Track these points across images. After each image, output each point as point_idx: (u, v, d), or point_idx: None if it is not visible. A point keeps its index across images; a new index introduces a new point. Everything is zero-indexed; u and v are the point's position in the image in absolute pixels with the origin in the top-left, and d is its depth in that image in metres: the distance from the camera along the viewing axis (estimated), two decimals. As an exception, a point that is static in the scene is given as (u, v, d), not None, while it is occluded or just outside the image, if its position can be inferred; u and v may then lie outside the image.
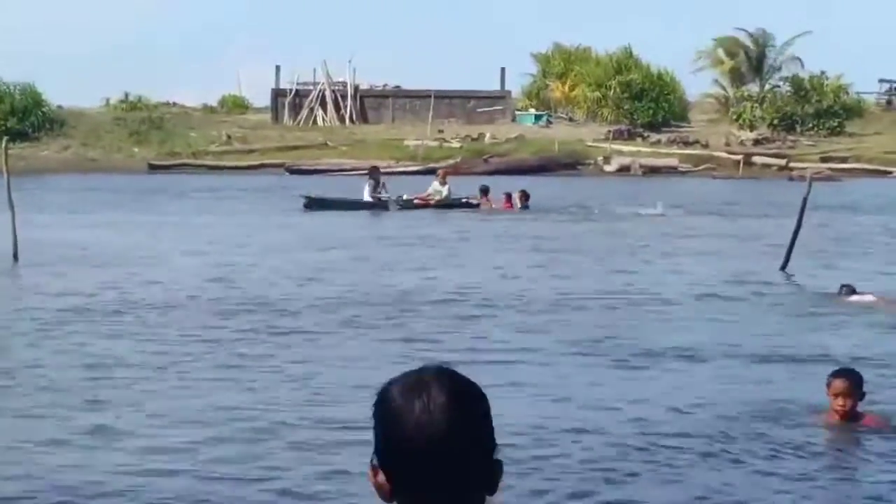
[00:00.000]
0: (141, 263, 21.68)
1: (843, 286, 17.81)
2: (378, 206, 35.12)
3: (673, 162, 61.76)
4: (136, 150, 65.23)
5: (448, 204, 35.81)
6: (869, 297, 17.31)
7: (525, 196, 36.65)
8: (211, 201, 39.29)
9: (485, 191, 36.76)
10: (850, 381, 10.15)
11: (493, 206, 35.98)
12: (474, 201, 36.29)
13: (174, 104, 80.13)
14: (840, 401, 10.06)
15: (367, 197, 35.64)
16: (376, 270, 21.16)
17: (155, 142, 66.07)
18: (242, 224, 30.88)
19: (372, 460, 2.76)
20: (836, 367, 10.77)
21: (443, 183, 36.79)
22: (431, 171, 57.91)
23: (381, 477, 2.78)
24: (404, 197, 35.83)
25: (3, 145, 24.92)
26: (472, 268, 21.53)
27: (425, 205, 35.69)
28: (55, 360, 13.14)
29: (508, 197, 36.54)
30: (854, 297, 17.37)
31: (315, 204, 34.92)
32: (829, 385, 10.19)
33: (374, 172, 37.07)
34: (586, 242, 26.66)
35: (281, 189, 43.07)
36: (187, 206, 36.95)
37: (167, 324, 15.48)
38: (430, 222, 31.51)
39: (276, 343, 14.27)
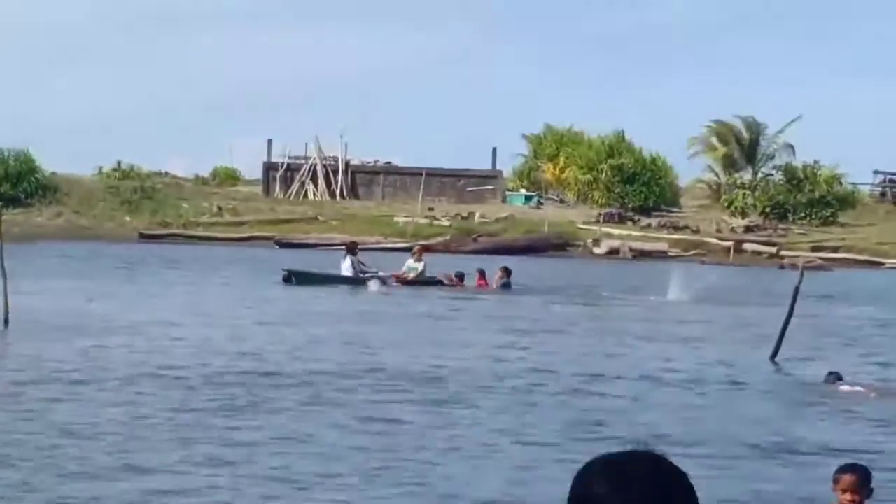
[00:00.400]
0: (122, 333, 21.70)
1: (829, 374, 18.17)
2: (356, 281, 35.13)
3: (663, 246, 61.93)
4: (127, 218, 65.33)
5: (423, 281, 35.86)
6: (855, 387, 17.46)
7: (506, 272, 36.54)
8: (198, 272, 39.31)
9: (460, 276, 36.64)
10: (859, 475, 10.09)
11: (466, 286, 35.92)
12: (446, 282, 36.22)
13: (166, 174, 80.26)
14: (849, 496, 10.00)
15: (344, 272, 35.67)
16: (352, 346, 21.19)
17: (147, 211, 66.19)
18: (224, 296, 30.95)
19: None
20: (844, 462, 10.71)
21: (418, 260, 36.93)
22: (425, 249, 58.16)
23: None
24: (380, 273, 35.88)
25: (-2, 211, 24.94)
26: (450, 346, 21.53)
27: (402, 282, 35.73)
28: (20, 426, 13.15)
29: (482, 274, 36.45)
30: (841, 386, 17.54)
31: (295, 277, 35.03)
32: (836, 480, 10.11)
33: (352, 247, 37.20)
34: (571, 323, 26.69)
35: (269, 262, 43.04)
36: (175, 277, 37.02)
37: (135, 395, 15.49)
38: (406, 299, 31.54)
39: (234, 415, 14.27)
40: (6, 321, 21.76)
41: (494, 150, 79.15)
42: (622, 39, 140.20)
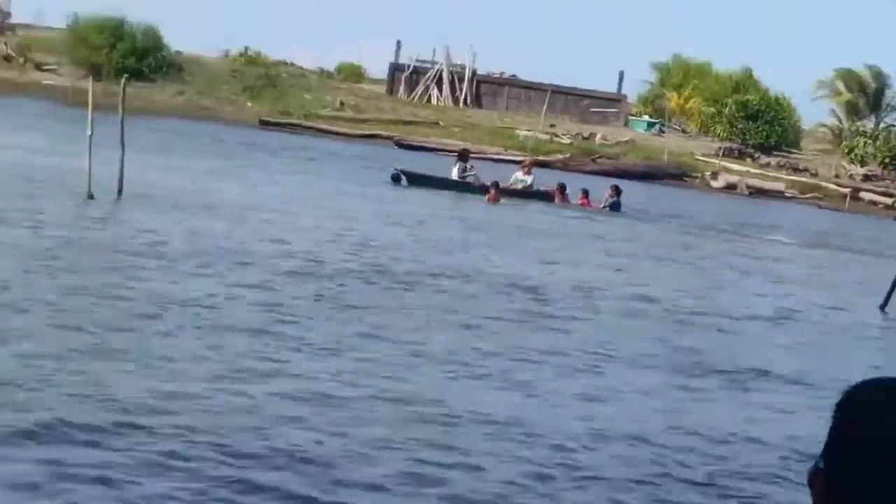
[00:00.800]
0: (228, 215, 21.78)
1: None
2: (463, 186, 34.98)
3: (780, 186, 61.08)
4: (249, 104, 65.65)
5: (531, 193, 35.59)
6: None
7: (616, 191, 35.98)
8: (313, 163, 39.50)
9: (562, 188, 36.33)
10: None
11: (570, 202, 35.64)
12: (553, 195, 35.88)
13: (292, 64, 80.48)
14: None
15: (454, 176, 35.54)
16: (444, 250, 21.11)
17: (269, 98, 66.45)
18: (332, 189, 31.03)
19: (817, 464, 2.45)
20: None
21: (527, 173, 36.56)
22: (539, 164, 57.89)
23: (823, 484, 2.38)
24: (487, 183, 35.69)
25: (123, 83, 25.04)
26: (554, 262, 21.38)
27: (509, 192, 35.40)
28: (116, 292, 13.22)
29: (585, 193, 36.04)
30: None
31: (405, 177, 34.82)
32: None
33: (463, 154, 36.99)
34: (680, 252, 26.39)
35: (386, 160, 42.97)
36: (289, 166, 37.19)
37: (231, 277, 15.53)
38: (511, 210, 31.36)
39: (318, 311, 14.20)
40: (120, 191, 21.99)
41: (622, 73, 78.43)
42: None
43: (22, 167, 25.43)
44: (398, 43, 77.71)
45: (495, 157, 56.99)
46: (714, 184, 60.59)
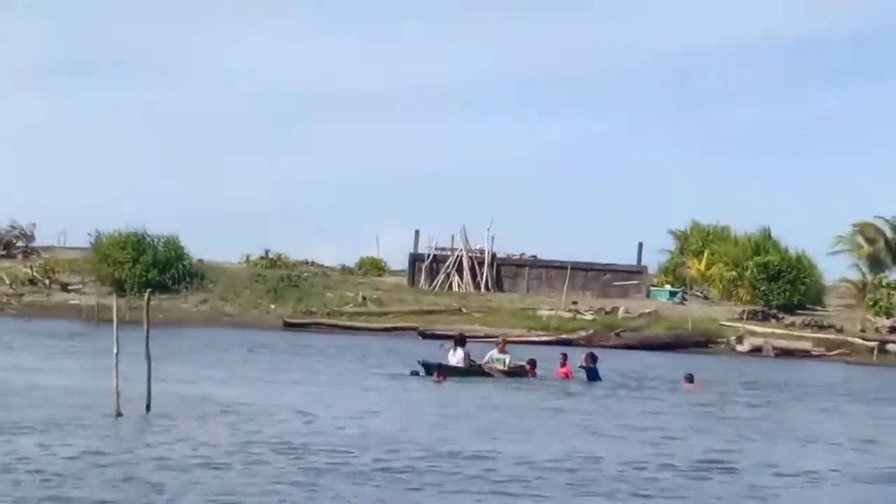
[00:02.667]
0: (259, 419, 21.94)
1: None
2: (474, 372, 34.80)
3: (806, 345, 61.06)
4: (272, 306, 66.23)
5: (508, 372, 35.18)
6: None
7: (592, 358, 35.77)
8: (336, 361, 39.73)
9: (532, 363, 36.02)
10: None
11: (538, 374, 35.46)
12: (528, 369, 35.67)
13: (313, 263, 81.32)
14: None
15: (456, 363, 34.88)
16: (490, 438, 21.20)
17: (292, 299, 67.04)
18: (356, 385, 31.20)
19: None
20: None
21: (501, 351, 35.97)
22: (563, 342, 58.11)
23: None
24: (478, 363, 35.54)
25: (146, 298, 25.51)
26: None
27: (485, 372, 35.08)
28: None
29: (564, 359, 35.89)
30: None
31: (425, 369, 34.55)
32: None
33: (460, 340, 36.23)
34: (729, 414, 26.39)
35: (409, 352, 43.22)
36: (313, 365, 37.45)
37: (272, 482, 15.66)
38: (491, 390, 31.37)
39: None
40: (148, 406, 22.12)
41: (640, 244, 78.93)
42: (770, 135, 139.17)
43: (52, 389, 25.78)
44: (416, 233, 78.53)
45: (519, 339, 57.21)
46: (739, 348, 60.62)
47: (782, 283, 71.66)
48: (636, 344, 60.16)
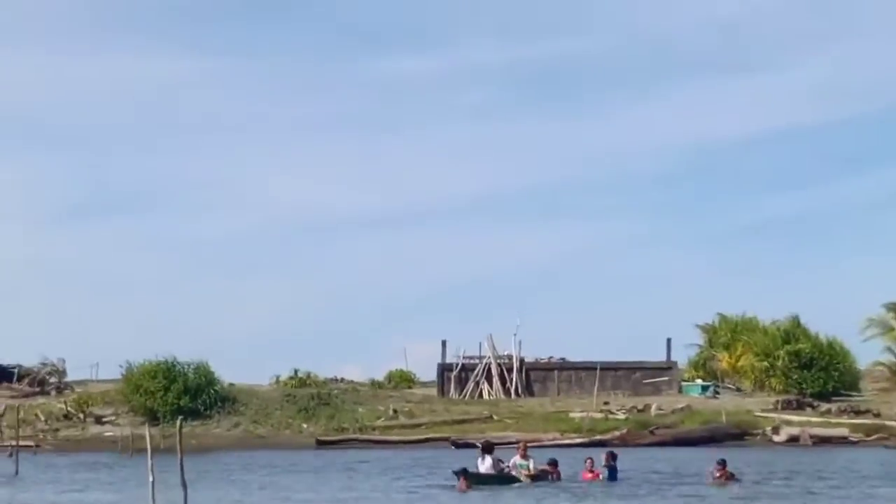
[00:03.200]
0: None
1: None
2: (508, 479, 34.62)
3: (844, 432, 60.62)
4: (304, 425, 66.14)
5: (534, 476, 34.86)
6: None
7: (612, 457, 35.61)
8: (371, 477, 39.58)
9: (553, 463, 35.92)
10: None
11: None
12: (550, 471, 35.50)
13: (342, 380, 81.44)
14: None
15: (486, 471, 34.53)
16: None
17: (323, 417, 66.95)
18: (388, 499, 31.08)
19: None
20: None
21: (523, 457, 35.55)
22: (598, 444, 57.82)
23: None
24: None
25: (178, 425, 25.66)
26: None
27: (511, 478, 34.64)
28: None
29: (592, 463, 35.52)
30: None
31: (464, 478, 34.32)
32: None
33: (487, 447, 35.72)
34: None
35: (444, 462, 43.08)
36: (347, 482, 37.31)
37: None
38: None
39: None
40: (186, 534, 22.16)
41: (669, 340, 78.88)
42: (789, 224, 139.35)
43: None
44: (443, 343, 78.68)
45: (552, 443, 57.02)
46: (776, 438, 60.20)
47: (815, 371, 71.32)
48: (671, 440, 59.85)
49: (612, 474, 35.35)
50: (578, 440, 59.10)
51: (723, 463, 34.78)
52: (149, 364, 67.79)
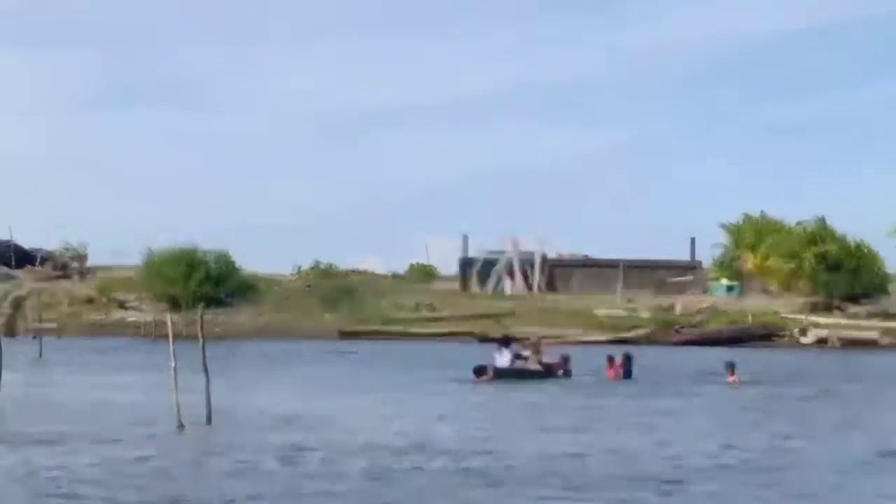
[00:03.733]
0: (308, 431, 21.37)
1: None
2: (523, 373, 34.31)
3: (874, 335, 60.05)
4: (326, 316, 65.82)
5: (545, 371, 34.73)
6: None
7: (626, 359, 35.65)
8: (395, 369, 39.23)
9: (565, 359, 35.60)
10: None
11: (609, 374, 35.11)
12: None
13: (364, 272, 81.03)
14: None
15: (504, 364, 34.23)
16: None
17: (345, 308, 66.63)
18: (415, 392, 30.65)
19: None
20: None
21: (536, 352, 35.48)
22: (621, 341, 57.38)
23: None
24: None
25: (200, 313, 25.40)
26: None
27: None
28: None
29: (611, 360, 35.46)
30: None
31: (483, 372, 33.93)
32: None
33: (505, 340, 35.83)
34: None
35: (467, 358, 42.63)
36: (371, 374, 36.98)
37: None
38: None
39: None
40: (209, 418, 21.84)
41: (693, 240, 78.24)
42: (817, 125, 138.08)
43: (115, 405, 25.81)
44: (465, 238, 78.10)
45: (575, 339, 56.60)
46: (803, 340, 59.69)
47: (843, 273, 70.54)
48: (697, 340, 59.39)
49: (628, 374, 35.29)
50: (603, 338, 58.63)
51: (731, 366, 34.41)
52: (170, 251, 67.49)
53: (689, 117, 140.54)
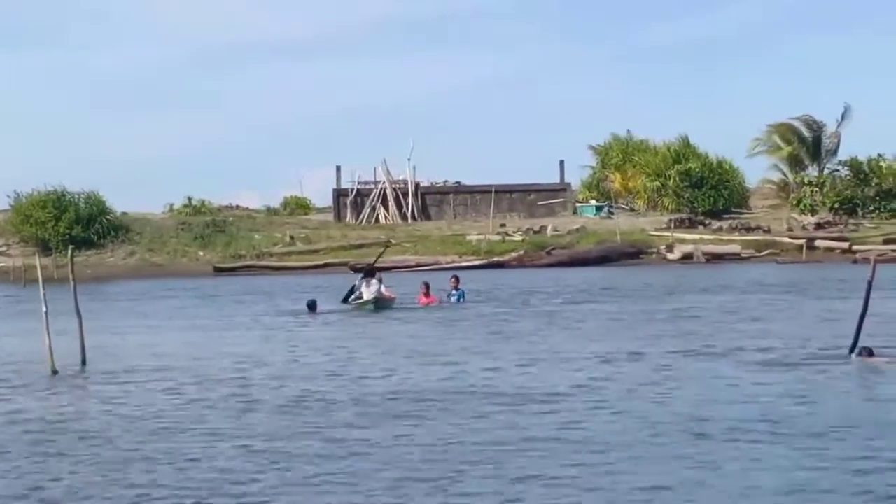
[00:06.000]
0: (182, 371, 21.56)
1: (862, 349, 19.43)
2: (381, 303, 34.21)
3: (735, 248, 61.60)
4: (201, 253, 65.85)
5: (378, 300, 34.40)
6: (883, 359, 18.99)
7: (457, 281, 36.20)
8: (265, 302, 39.49)
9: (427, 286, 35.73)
10: None
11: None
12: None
13: (237, 207, 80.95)
14: None
15: (366, 296, 34.19)
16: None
17: (219, 245, 66.68)
18: (286, 326, 30.97)
19: None
20: None
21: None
22: (496, 265, 58.25)
23: None
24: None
25: (69, 254, 25.41)
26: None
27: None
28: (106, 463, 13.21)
29: (427, 288, 35.40)
30: (873, 359, 19.12)
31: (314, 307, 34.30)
32: None
33: (370, 271, 35.55)
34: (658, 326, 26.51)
35: (340, 287, 43.08)
36: (241, 308, 37.12)
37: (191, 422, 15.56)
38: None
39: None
40: (84, 361, 21.94)
41: (562, 162, 79.17)
42: (680, 47, 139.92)
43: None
44: (338, 169, 78.37)
45: (450, 265, 57.33)
46: (670, 256, 61.03)
47: (706, 189, 72.41)
48: (568, 261, 60.41)
49: (461, 297, 35.68)
50: (476, 262, 59.47)
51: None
52: (38, 194, 66.93)
53: (556, 42, 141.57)
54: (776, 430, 13.81)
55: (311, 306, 34.01)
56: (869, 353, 19.30)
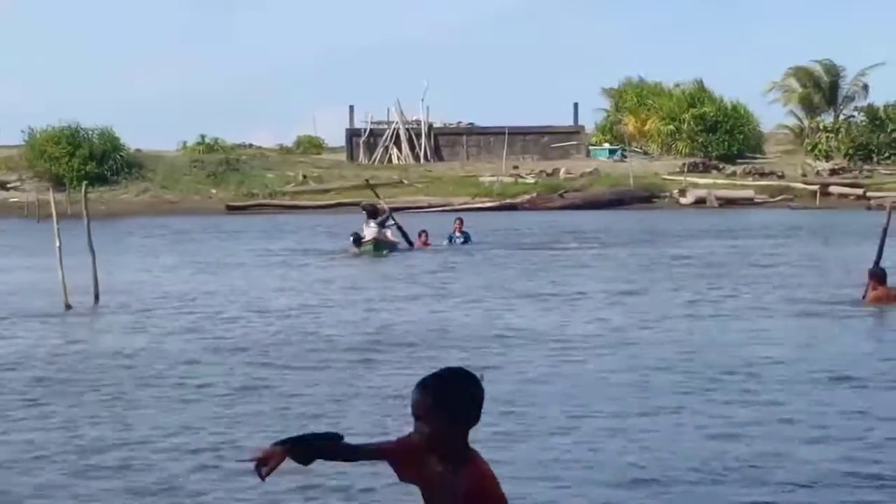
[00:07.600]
0: (196, 308, 21.65)
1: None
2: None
3: (749, 193, 61.43)
4: (213, 191, 65.85)
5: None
6: None
7: (461, 223, 36.41)
8: (277, 241, 39.53)
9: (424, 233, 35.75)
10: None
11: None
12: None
13: (250, 145, 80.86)
14: None
15: (369, 236, 33.80)
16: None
17: (232, 183, 66.67)
18: (295, 265, 31.02)
19: None
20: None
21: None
22: (508, 207, 58.21)
23: None
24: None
25: (83, 190, 25.44)
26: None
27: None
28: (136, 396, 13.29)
29: (426, 235, 35.46)
30: None
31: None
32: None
33: (372, 211, 34.63)
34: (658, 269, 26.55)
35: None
36: (255, 247, 37.10)
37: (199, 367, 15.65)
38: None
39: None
40: (97, 297, 22.03)
41: (576, 105, 78.90)
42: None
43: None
44: (351, 108, 78.16)
45: (463, 206, 57.31)
46: (683, 200, 60.89)
47: (720, 134, 72.16)
48: (580, 204, 60.34)
49: (466, 239, 35.81)
50: (489, 204, 59.43)
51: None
52: (52, 130, 66.92)
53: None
54: None
55: (357, 241, 33.69)
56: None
